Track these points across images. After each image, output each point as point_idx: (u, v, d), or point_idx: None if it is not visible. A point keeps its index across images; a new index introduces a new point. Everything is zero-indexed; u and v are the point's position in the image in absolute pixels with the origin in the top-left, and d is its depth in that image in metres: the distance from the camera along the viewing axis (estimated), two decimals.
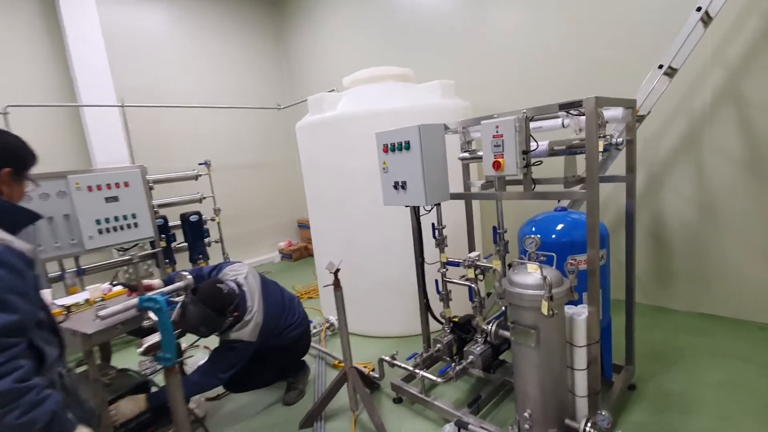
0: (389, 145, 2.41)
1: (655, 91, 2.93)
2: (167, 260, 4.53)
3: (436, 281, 2.80)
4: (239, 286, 2.49)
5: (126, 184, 4.06)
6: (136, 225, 4.12)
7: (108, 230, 3.96)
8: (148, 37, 5.63)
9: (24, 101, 4.49)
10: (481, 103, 4.32)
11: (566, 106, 1.94)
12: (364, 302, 3.70)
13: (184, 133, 5.98)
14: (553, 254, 2.02)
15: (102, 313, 2.01)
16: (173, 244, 4.70)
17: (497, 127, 2.03)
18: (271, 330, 2.57)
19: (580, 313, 1.98)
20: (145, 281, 2.52)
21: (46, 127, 4.91)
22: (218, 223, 5.18)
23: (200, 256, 4.76)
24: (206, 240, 4.90)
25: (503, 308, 2.63)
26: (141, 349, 1.96)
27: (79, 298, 2.47)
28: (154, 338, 1.81)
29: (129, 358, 3.63)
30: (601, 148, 2.28)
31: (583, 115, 1.92)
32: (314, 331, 3.71)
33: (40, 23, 4.83)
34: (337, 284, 2.44)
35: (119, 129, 5.12)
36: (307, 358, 3.34)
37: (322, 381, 3.11)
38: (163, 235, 4.45)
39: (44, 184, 3.63)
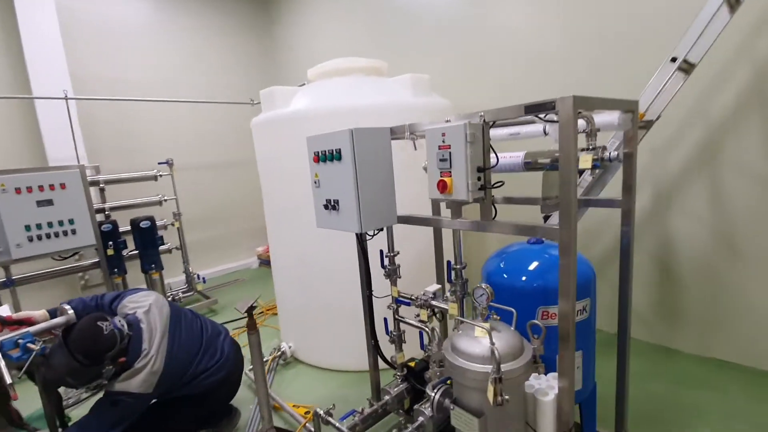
0: (319, 154, 1.91)
1: (666, 91, 2.38)
2: (115, 270, 4.10)
3: (385, 320, 2.30)
4: (135, 322, 2.02)
5: (62, 186, 3.61)
6: (74, 232, 3.69)
7: (40, 237, 3.53)
8: (110, 23, 5.13)
9: None
10: (472, 103, 3.78)
11: (535, 109, 1.42)
12: (321, 329, 3.21)
13: (153, 130, 5.47)
14: (512, 310, 1.49)
15: None
16: (126, 252, 4.26)
17: (444, 134, 1.52)
18: (177, 377, 2.09)
19: (547, 390, 1.45)
20: (24, 313, 2.06)
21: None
22: (179, 228, 4.74)
23: (152, 265, 4.31)
24: (162, 247, 4.45)
25: None
26: None
27: None
28: None
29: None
30: (589, 165, 1.77)
31: (557, 122, 1.40)
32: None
33: None
34: (252, 326, 1.95)
35: (74, 124, 4.68)
36: (244, 394, 2.88)
37: (256, 428, 2.63)
38: (110, 242, 4.02)
39: None
